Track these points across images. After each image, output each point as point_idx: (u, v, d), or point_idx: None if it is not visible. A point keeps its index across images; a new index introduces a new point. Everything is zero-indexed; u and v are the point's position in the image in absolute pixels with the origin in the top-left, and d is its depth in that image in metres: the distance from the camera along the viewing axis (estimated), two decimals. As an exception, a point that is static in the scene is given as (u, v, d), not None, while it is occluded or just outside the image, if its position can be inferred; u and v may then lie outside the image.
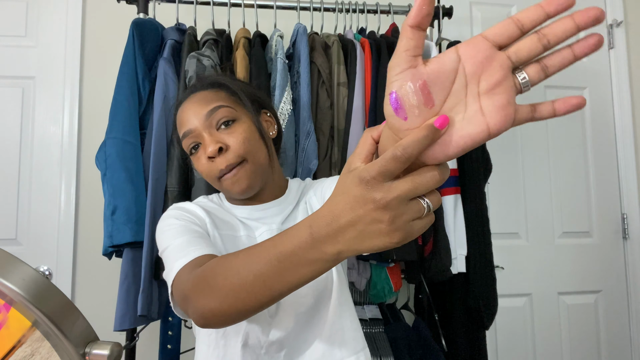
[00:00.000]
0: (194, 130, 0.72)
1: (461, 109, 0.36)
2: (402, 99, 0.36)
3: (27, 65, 1.70)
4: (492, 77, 0.35)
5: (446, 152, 0.37)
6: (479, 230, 1.36)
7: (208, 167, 0.72)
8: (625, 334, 1.92)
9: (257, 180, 0.74)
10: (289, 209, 0.79)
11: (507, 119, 0.35)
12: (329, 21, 1.46)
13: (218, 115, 0.72)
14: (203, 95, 0.75)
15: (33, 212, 1.65)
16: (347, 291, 0.78)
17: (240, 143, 0.71)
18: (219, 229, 0.74)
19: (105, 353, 0.36)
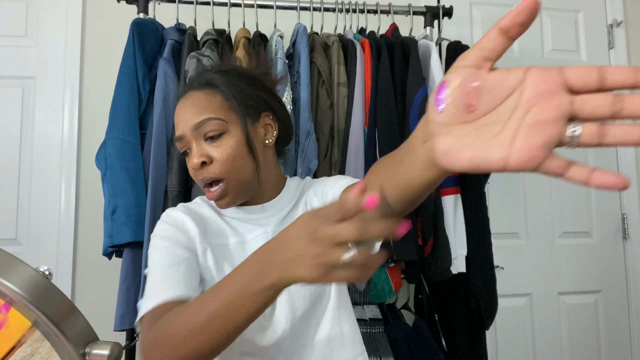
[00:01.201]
0: (184, 137, 0.72)
1: (497, 129, 0.34)
2: (448, 91, 0.35)
3: (27, 65, 1.70)
4: (542, 114, 0.32)
5: (455, 163, 0.36)
6: (479, 230, 1.36)
7: (194, 174, 0.72)
8: (625, 334, 1.92)
9: (237, 196, 0.72)
10: (286, 208, 0.78)
11: (531, 161, 0.32)
12: (329, 21, 1.46)
13: (206, 128, 0.70)
14: (196, 99, 0.73)
15: (33, 212, 1.65)
16: (347, 295, 0.77)
17: (224, 160, 0.70)
18: (210, 238, 0.73)
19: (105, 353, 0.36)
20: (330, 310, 0.73)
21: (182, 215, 0.74)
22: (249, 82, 0.76)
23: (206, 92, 0.73)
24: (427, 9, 1.53)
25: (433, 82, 1.35)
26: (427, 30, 1.51)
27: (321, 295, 0.73)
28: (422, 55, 1.39)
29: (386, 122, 1.28)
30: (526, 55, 1.96)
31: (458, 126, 0.36)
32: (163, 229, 0.72)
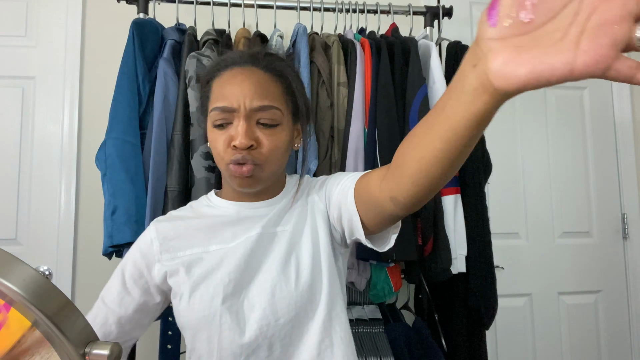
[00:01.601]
0: (235, 111, 0.69)
1: (558, 36, 0.31)
2: (501, 4, 0.33)
3: (27, 65, 1.70)
4: (607, 14, 0.29)
5: (511, 80, 0.33)
6: (479, 230, 1.36)
7: (224, 150, 0.69)
8: (625, 334, 1.92)
9: (262, 184, 0.73)
10: (277, 209, 0.77)
11: (600, 62, 0.30)
12: (329, 21, 1.46)
13: (267, 115, 0.69)
14: (261, 79, 0.70)
15: (33, 212, 1.65)
16: (340, 305, 0.73)
17: (271, 150, 0.70)
18: (182, 250, 0.73)
19: (105, 353, 0.36)
20: (318, 321, 0.70)
21: (152, 237, 0.75)
22: (302, 88, 0.78)
23: (271, 77, 0.72)
24: (427, 9, 1.53)
25: (433, 82, 1.35)
26: (427, 30, 1.51)
27: (308, 304, 0.70)
28: (422, 55, 1.38)
29: (386, 122, 1.28)
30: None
31: (513, 38, 0.33)
32: (125, 260, 0.75)
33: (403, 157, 0.52)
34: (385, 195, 0.58)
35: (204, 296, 0.68)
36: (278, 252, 0.72)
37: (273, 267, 0.70)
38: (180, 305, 0.70)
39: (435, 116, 0.45)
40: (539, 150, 1.93)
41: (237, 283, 0.69)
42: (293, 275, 0.70)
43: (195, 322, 0.68)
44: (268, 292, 0.68)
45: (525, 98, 1.94)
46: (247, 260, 0.71)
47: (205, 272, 0.70)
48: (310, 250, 0.73)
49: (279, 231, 0.75)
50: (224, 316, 0.67)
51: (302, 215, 0.77)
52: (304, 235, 0.74)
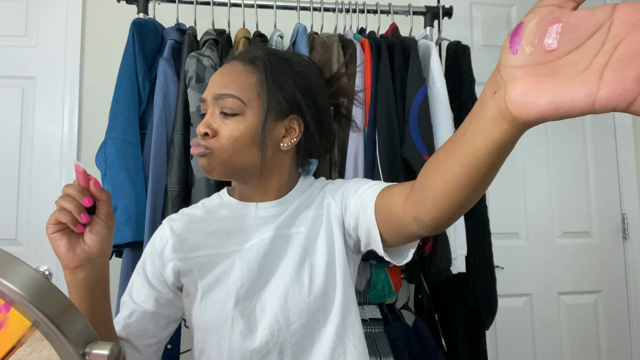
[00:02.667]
0: (205, 100, 0.73)
1: (581, 67, 0.30)
2: (525, 31, 0.32)
3: (27, 65, 1.70)
4: (635, 45, 0.28)
5: (530, 109, 0.32)
6: (479, 230, 1.36)
7: (193, 140, 0.73)
8: (625, 334, 1.92)
9: (217, 171, 0.71)
10: (290, 209, 0.75)
11: (624, 96, 0.28)
12: (329, 21, 1.46)
13: (225, 102, 0.70)
14: (234, 71, 0.72)
15: (33, 212, 1.65)
16: (354, 312, 0.72)
17: (225, 138, 0.69)
18: (195, 251, 0.72)
19: (105, 353, 0.36)
20: (331, 328, 0.68)
21: (164, 238, 0.75)
22: (294, 79, 0.73)
23: (246, 69, 0.73)
24: (427, 9, 1.53)
25: (433, 82, 1.35)
26: (427, 30, 1.51)
27: (320, 311, 0.69)
28: (422, 55, 1.38)
29: (386, 122, 1.28)
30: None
31: (535, 67, 0.32)
32: (144, 257, 0.76)
33: (427, 179, 0.51)
34: (409, 216, 0.56)
35: (217, 299, 0.68)
36: (292, 255, 0.71)
37: (287, 271, 0.70)
38: (192, 306, 0.70)
39: (457, 141, 0.44)
40: (539, 150, 1.93)
41: (249, 286, 0.69)
42: (306, 280, 0.69)
43: (207, 324, 0.68)
44: (280, 297, 0.68)
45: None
46: (260, 263, 0.70)
47: (218, 275, 0.70)
48: (325, 255, 0.71)
49: (293, 233, 0.74)
50: (236, 320, 0.67)
51: (318, 219, 0.75)
52: (319, 239, 0.73)
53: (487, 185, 0.46)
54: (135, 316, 0.71)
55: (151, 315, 0.72)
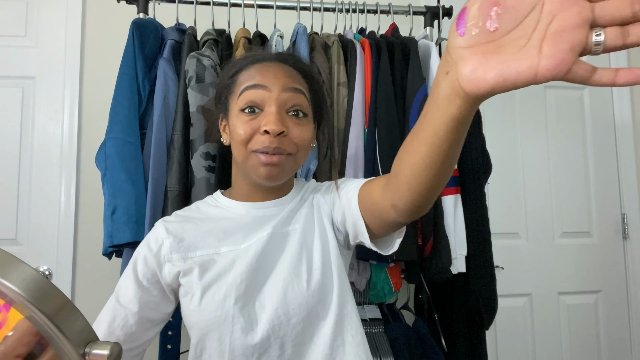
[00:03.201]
0: (269, 90, 0.68)
1: (522, 43, 0.34)
2: (468, 15, 0.36)
3: (27, 65, 1.70)
4: (565, 20, 0.33)
5: (480, 84, 0.36)
6: (479, 230, 1.36)
7: (251, 135, 0.68)
8: (625, 334, 1.92)
9: (285, 177, 0.72)
10: (288, 208, 0.78)
11: (561, 66, 0.33)
12: (329, 21, 1.46)
13: (297, 100, 0.69)
14: (290, 72, 0.72)
15: (33, 212, 1.65)
16: (351, 302, 0.73)
17: (302, 140, 0.70)
18: (193, 251, 0.72)
19: (105, 353, 0.36)
20: (330, 320, 0.70)
21: (159, 239, 0.74)
22: (324, 91, 0.80)
23: (298, 73, 0.74)
24: (427, 9, 1.53)
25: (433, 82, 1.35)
26: (427, 30, 1.51)
27: (319, 304, 0.70)
28: (422, 55, 1.38)
29: (386, 122, 1.28)
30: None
31: (481, 46, 0.36)
32: (134, 258, 0.75)
33: (398, 164, 0.54)
34: (387, 203, 0.59)
35: (216, 297, 0.68)
36: (289, 251, 0.72)
37: (285, 267, 0.71)
38: (191, 305, 0.70)
39: (420, 123, 0.47)
40: (539, 150, 1.93)
41: (249, 283, 0.69)
42: (305, 274, 0.70)
43: (206, 323, 0.68)
44: (280, 292, 0.69)
45: (525, 98, 1.94)
46: (259, 260, 0.71)
47: (217, 274, 0.70)
48: (320, 250, 0.73)
49: (290, 230, 0.75)
50: (236, 317, 0.67)
51: (310, 217, 0.77)
52: (314, 235, 0.75)
53: (452, 162, 0.49)
54: (119, 319, 0.71)
55: (137, 319, 0.72)
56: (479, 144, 1.41)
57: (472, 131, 1.40)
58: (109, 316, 0.71)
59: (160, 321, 0.76)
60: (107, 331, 0.70)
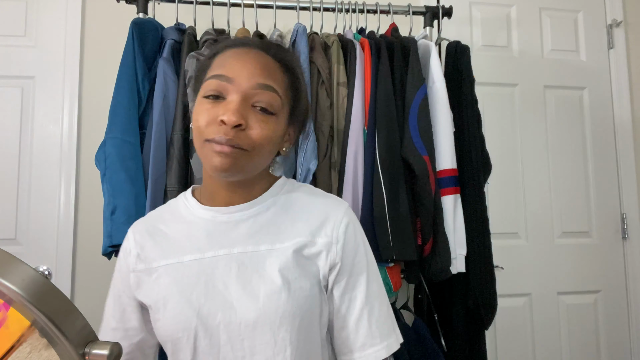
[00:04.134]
0: (234, 83, 0.62)
1: None
2: None
3: (27, 65, 1.70)
4: None
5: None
6: (478, 230, 1.36)
7: (208, 124, 0.62)
8: (625, 334, 1.92)
9: (240, 173, 0.64)
10: (260, 219, 0.69)
11: None
12: (328, 21, 1.46)
13: (266, 96, 0.63)
14: (268, 63, 0.65)
15: (33, 212, 1.65)
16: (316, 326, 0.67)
17: (261, 137, 0.62)
18: (157, 260, 0.68)
19: (105, 353, 0.36)
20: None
21: (130, 244, 0.72)
22: (305, 89, 0.73)
23: (279, 66, 0.67)
24: (426, 9, 1.53)
25: (432, 82, 1.35)
26: (427, 30, 1.51)
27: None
28: (422, 55, 1.39)
29: (386, 122, 1.28)
30: (526, 55, 1.96)
31: None
32: (114, 276, 0.75)
33: None
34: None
35: (177, 312, 0.65)
36: (253, 273, 0.66)
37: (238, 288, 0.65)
38: (155, 320, 0.67)
39: None
40: (539, 150, 1.93)
41: (209, 300, 0.65)
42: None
43: (171, 337, 0.65)
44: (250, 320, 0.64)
45: (525, 98, 1.94)
46: (220, 280, 0.66)
47: (177, 286, 0.66)
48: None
49: (262, 250, 0.67)
50: (199, 333, 0.64)
51: (302, 246, 0.67)
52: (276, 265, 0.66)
53: None
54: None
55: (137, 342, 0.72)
56: (478, 144, 1.41)
57: (472, 131, 1.40)
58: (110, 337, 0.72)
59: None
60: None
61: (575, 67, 1.99)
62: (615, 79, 2.00)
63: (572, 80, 1.98)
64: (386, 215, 1.22)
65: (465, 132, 1.40)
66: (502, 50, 1.94)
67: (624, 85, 1.98)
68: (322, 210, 0.71)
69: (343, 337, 0.68)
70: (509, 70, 1.93)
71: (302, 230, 0.68)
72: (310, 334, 0.66)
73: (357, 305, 0.68)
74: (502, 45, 1.95)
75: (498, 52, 1.94)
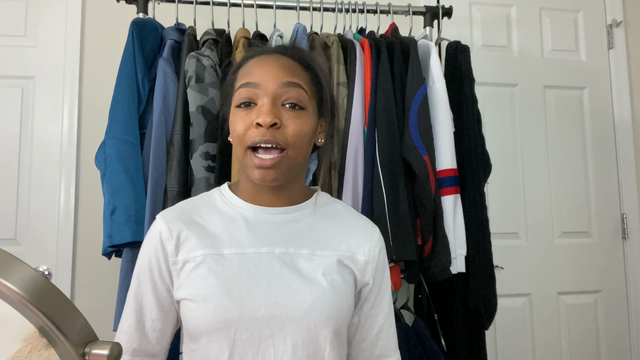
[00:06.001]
0: (261, 87, 0.66)
1: None
2: None
3: (27, 65, 1.70)
4: None
5: None
6: (478, 230, 1.36)
7: (246, 130, 0.65)
8: (625, 334, 1.92)
9: (283, 176, 0.67)
10: (301, 224, 0.72)
11: None
12: (328, 21, 1.46)
13: (293, 92, 0.66)
14: (288, 64, 0.69)
15: (32, 212, 1.65)
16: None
17: (296, 132, 0.65)
18: (195, 250, 0.68)
19: (105, 353, 0.36)
20: None
21: (161, 234, 0.70)
22: (329, 80, 0.77)
23: (298, 65, 0.71)
24: (426, 9, 1.53)
25: (432, 82, 1.35)
26: (427, 30, 1.51)
27: None
28: (422, 55, 1.39)
29: (386, 122, 1.28)
30: (526, 55, 1.96)
31: None
32: (138, 265, 0.73)
33: None
34: None
35: (218, 304, 0.65)
36: (291, 275, 0.68)
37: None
38: (191, 310, 0.67)
39: None
40: (539, 150, 1.93)
41: (252, 295, 0.65)
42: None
43: (209, 328, 0.65)
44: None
45: (525, 98, 1.94)
46: (262, 276, 0.67)
47: (218, 278, 0.66)
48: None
49: (304, 253, 0.70)
50: (240, 327, 0.65)
51: (337, 264, 0.71)
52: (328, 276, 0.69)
53: None
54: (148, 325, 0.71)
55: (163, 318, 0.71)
56: (478, 144, 1.41)
57: (472, 131, 1.40)
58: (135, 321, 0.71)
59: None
60: (138, 337, 0.70)
61: (575, 67, 1.99)
62: (615, 79, 2.00)
63: (572, 80, 1.98)
64: (386, 215, 1.22)
65: (465, 132, 1.40)
66: (502, 50, 1.95)
67: (624, 85, 1.99)
68: (360, 230, 0.76)
69: (362, 348, 0.76)
70: (509, 70, 1.93)
71: (341, 243, 0.73)
72: (344, 337, 0.72)
73: (380, 321, 0.76)
74: (502, 45, 1.95)
75: (498, 52, 1.94)
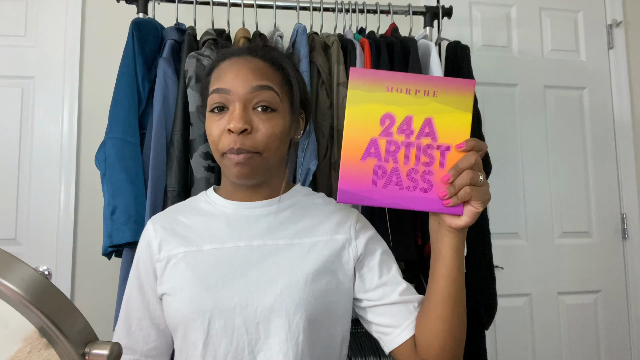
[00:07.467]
0: (232, 93, 0.67)
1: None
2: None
3: (27, 65, 1.70)
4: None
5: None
6: (478, 230, 1.36)
7: (219, 136, 0.67)
8: (625, 334, 1.92)
9: (259, 174, 0.70)
10: (280, 216, 0.74)
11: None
12: (328, 21, 1.46)
13: (264, 96, 0.68)
14: (258, 65, 0.70)
15: (33, 212, 1.65)
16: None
17: (267, 136, 0.67)
18: (177, 248, 0.71)
19: (105, 353, 0.36)
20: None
21: (149, 235, 0.75)
22: (302, 79, 0.78)
23: (269, 65, 0.72)
24: (426, 9, 1.53)
25: (433, 82, 1.35)
26: (427, 30, 1.51)
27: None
28: (422, 55, 1.38)
29: (386, 122, 1.28)
30: (526, 55, 1.96)
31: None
32: (134, 266, 0.75)
33: (421, 322, 0.69)
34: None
35: (192, 295, 0.68)
36: (274, 267, 0.70)
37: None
38: (169, 303, 0.70)
39: (430, 272, 0.69)
40: (539, 150, 1.93)
41: (226, 285, 0.68)
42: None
43: (184, 319, 0.68)
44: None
45: (525, 98, 1.94)
46: (238, 268, 0.69)
47: (194, 272, 0.69)
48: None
49: (281, 244, 0.72)
50: (214, 316, 0.67)
51: (327, 245, 0.73)
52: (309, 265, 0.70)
53: (462, 292, 0.68)
54: (135, 324, 0.73)
55: (150, 321, 0.73)
56: (478, 144, 1.41)
57: (472, 131, 1.40)
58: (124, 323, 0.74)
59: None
60: (125, 336, 0.73)
61: (575, 67, 1.99)
62: (615, 79, 2.00)
63: (572, 80, 1.98)
64: (386, 216, 1.22)
65: (465, 132, 1.40)
66: (502, 50, 1.95)
67: (624, 85, 1.99)
68: (337, 214, 0.77)
69: (380, 293, 0.73)
70: (509, 70, 1.93)
71: (320, 230, 0.74)
72: (326, 325, 0.70)
73: (377, 259, 0.76)
74: (502, 45, 1.95)
75: (498, 52, 1.94)
